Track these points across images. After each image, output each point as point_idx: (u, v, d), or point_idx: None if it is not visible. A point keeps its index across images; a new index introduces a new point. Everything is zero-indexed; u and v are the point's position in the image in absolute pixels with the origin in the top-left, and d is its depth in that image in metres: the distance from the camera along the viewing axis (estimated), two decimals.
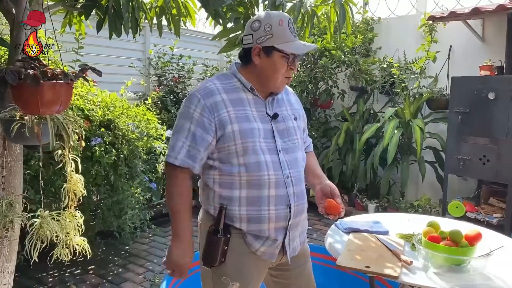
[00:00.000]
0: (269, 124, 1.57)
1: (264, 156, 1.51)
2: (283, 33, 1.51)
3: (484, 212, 3.82)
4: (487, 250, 1.78)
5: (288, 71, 1.56)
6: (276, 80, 1.56)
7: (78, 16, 2.68)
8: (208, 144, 1.52)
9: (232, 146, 1.50)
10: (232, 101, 1.54)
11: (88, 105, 3.53)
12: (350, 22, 2.59)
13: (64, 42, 3.71)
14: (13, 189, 2.02)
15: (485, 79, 3.83)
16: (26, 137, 1.77)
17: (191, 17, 2.77)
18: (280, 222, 1.54)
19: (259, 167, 1.50)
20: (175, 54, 5.34)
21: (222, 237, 1.51)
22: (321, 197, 1.67)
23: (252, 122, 1.53)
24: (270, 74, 1.55)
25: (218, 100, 1.52)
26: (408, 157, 4.62)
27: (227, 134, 1.50)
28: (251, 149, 1.50)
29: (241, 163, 1.50)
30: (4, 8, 2.02)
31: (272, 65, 1.53)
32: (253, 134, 1.51)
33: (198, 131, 1.51)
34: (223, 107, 1.51)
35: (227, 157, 1.52)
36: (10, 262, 2.05)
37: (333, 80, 5.18)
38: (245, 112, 1.54)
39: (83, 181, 2.19)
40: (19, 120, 1.77)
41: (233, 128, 1.50)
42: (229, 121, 1.50)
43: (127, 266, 3.52)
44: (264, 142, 1.53)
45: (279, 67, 1.53)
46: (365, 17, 5.42)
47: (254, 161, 1.50)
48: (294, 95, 1.79)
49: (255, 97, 1.59)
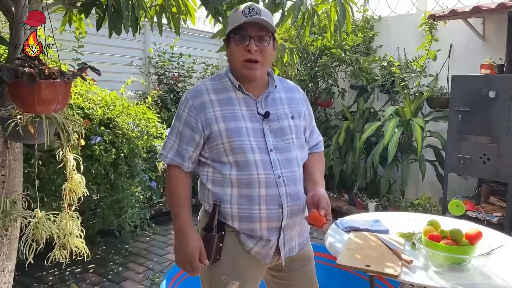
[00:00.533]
0: (260, 123, 1.55)
1: (253, 155, 1.50)
2: (236, 17, 1.51)
3: (484, 211, 3.82)
4: (487, 249, 1.78)
5: (245, 53, 1.51)
6: (237, 66, 1.55)
7: (78, 15, 2.68)
8: (196, 143, 1.55)
9: (220, 145, 1.52)
10: (220, 101, 1.55)
11: (88, 103, 3.53)
12: (350, 21, 2.58)
13: (64, 40, 3.71)
14: (13, 188, 2.02)
15: (485, 77, 3.82)
16: (21, 136, 1.77)
17: (191, 16, 2.77)
18: (272, 222, 1.52)
19: (248, 166, 1.50)
20: (175, 52, 5.34)
21: (216, 234, 1.51)
22: (310, 204, 1.55)
23: (240, 121, 1.52)
24: (231, 61, 1.58)
25: (205, 100, 1.55)
26: (408, 155, 4.62)
27: (214, 133, 1.51)
28: (238, 147, 1.50)
29: (231, 161, 1.51)
30: (3, 6, 2.01)
31: (230, 51, 1.56)
32: (240, 133, 1.51)
33: (186, 131, 1.56)
34: (209, 107, 1.53)
35: (218, 155, 1.53)
36: (10, 260, 2.05)
37: (333, 79, 5.17)
38: (233, 111, 1.54)
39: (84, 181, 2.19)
40: (14, 119, 1.77)
41: (219, 127, 1.51)
42: (214, 121, 1.51)
43: (127, 264, 3.52)
44: (255, 141, 1.52)
45: (234, 52, 1.54)
46: (365, 16, 5.41)
47: (243, 159, 1.50)
48: (298, 92, 1.73)
49: (245, 96, 1.57)
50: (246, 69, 1.53)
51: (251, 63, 1.52)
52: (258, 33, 1.51)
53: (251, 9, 1.51)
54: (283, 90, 1.67)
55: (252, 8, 1.52)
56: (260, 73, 1.56)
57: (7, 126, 1.74)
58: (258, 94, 1.59)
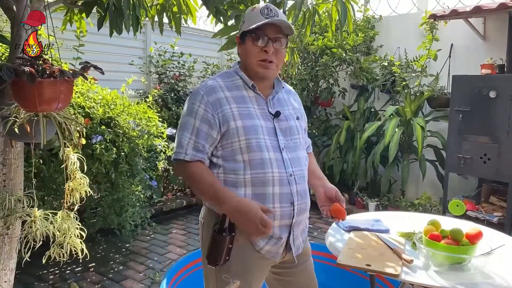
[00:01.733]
0: (271, 122, 1.57)
1: (268, 153, 1.51)
2: (253, 17, 1.53)
3: (484, 211, 3.82)
4: (488, 248, 1.78)
5: (262, 53, 1.54)
6: (252, 65, 1.56)
7: (79, 14, 2.68)
8: (213, 139, 1.53)
9: (236, 143, 1.50)
10: (235, 98, 1.55)
11: (89, 102, 3.53)
12: (351, 20, 2.59)
13: (65, 39, 3.71)
14: (15, 186, 2.02)
15: (486, 77, 3.82)
16: (18, 135, 1.77)
17: (192, 15, 2.77)
18: (284, 220, 1.54)
19: (263, 164, 1.50)
20: (176, 51, 5.33)
21: (227, 236, 1.50)
22: (324, 200, 1.68)
23: (255, 119, 1.53)
24: (246, 60, 1.58)
25: (221, 97, 1.53)
26: (408, 155, 4.62)
27: (231, 130, 1.50)
28: (255, 145, 1.50)
29: (246, 160, 1.50)
30: (4, 5, 2.01)
31: (245, 50, 1.57)
32: (256, 131, 1.51)
33: (203, 127, 1.52)
34: (226, 104, 1.52)
35: (231, 153, 1.52)
36: (11, 259, 2.05)
37: (334, 78, 5.17)
38: (247, 109, 1.54)
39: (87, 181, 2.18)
40: (11, 118, 1.77)
41: (236, 125, 1.50)
42: (232, 117, 1.50)
43: (128, 263, 3.52)
44: (269, 140, 1.54)
45: (250, 50, 1.55)
46: (366, 15, 5.41)
47: (258, 158, 1.50)
48: (296, 96, 1.79)
49: (257, 95, 1.59)
50: (261, 68, 1.55)
51: (267, 63, 1.55)
52: (276, 34, 1.54)
53: (269, 9, 1.54)
54: (285, 91, 1.71)
55: (270, 9, 1.54)
56: (274, 73, 1.60)
57: (5, 125, 1.75)
58: (267, 93, 1.62)
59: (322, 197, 1.68)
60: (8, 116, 1.78)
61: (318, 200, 1.70)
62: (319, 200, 1.70)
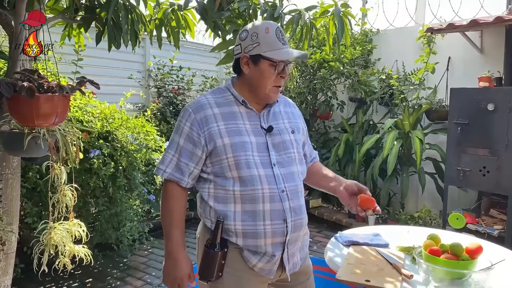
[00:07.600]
0: (263, 137, 1.56)
1: (257, 170, 1.50)
2: (270, 40, 1.51)
3: (484, 224, 3.80)
4: (488, 263, 1.76)
5: (278, 79, 1.54)
6: (265, 89, 1.54)
7: (77, 29, 2.69)
8: (198, 158, 1.53)
9: (224, 160, 1.50)
10: (224, 115, 1.54)
11: (87, 116, 3.53)
12: (348, 34, 2.60)
13: (64, 53, 3.72)
14: (11, 201, 2.01)
15: (484, 90, 3.83)
16: (14, 149, 1.77)
17: (190, 30, 2.78)
18: (277, 237, 1.51)
19: (252, 181, 1.48)
20: (174, 65, 5.36)
21: (219, 251, 1.48)
22: (349, 197, 1.67)
23: (244, 135, 1.52)
24: (259, 83, 1.54)
25: (208, 114, 1.53)
26: (408, 168, 4.61)
27: (219, 148, 1.50)
28: (243, 162, 1.49)
29: (235, 176, 1.49)
30: (3, 20, 2.02)
31: (260, 73, 1.53)
32: (244, 147, 1.50)
33: (187, 145, 1.53)
34: (213, 121, 1.52)
35: (221, 170, 1.51)
36: (6, 275, 2.03)
37: (332, 91, 5.19)
38: (236, 126, 1.53)
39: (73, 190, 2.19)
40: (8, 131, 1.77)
41: (223, 142, 1.49)
42: (219, 135, 1.50)
43: (125, 278, 3.48)
44: (258, 156, 1.52)
45: (267, 75, 1.52)
46: (364, 29, 5.44)
47: (247, 174, 1.48)
48: (295, 108, 1.77)
49: (249, 110, 1.58)
50: (273, 93, 1.56)
51: (279, 87, 1.56)
52: (288, 61, 1.56)
53: (282, 33, 1.54)
54: (282, 104, 1.69)
55: (282, 32, 1.55)
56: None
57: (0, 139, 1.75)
58: (261, 108, 1.61)
59: (345, 196, 1.68)
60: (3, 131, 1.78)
61: (343, 200, 1.70)
62: (344, 200, 1.69)
